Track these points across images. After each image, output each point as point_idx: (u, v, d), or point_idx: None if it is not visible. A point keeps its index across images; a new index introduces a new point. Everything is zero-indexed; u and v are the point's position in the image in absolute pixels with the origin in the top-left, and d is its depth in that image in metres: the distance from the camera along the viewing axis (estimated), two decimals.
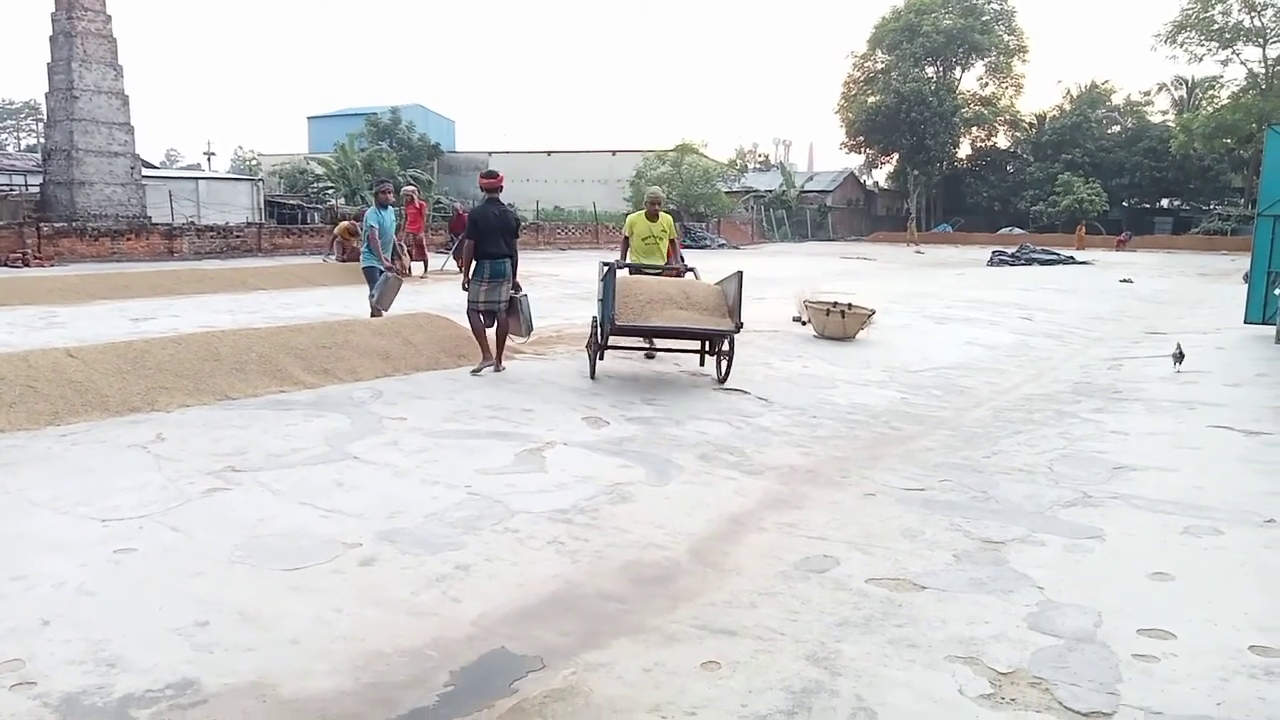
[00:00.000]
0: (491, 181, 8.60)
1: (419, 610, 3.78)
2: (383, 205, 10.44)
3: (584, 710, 3.04)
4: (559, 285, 19.15)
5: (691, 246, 38.65)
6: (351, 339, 8.64)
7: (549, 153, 60.63)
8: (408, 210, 19.67)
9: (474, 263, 8.47)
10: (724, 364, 8.42)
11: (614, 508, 5.10)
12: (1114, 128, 62.52)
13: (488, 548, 4.46)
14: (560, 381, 8.38)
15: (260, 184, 38.13)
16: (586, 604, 3.89)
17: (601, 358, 8.62)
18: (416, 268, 18.86)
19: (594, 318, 8.41)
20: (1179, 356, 10.04)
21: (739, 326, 7.98)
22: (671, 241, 9.62)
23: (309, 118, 66.12)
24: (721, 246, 42.33)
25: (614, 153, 57.88)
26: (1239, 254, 32.19)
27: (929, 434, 7.09)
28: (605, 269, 8.21)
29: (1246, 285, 13.62)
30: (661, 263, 9.44)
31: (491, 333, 8.64)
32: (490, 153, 60.70)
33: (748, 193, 55.67)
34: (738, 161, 58.78)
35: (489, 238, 8.42)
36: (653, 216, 9.57)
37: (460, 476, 5.52)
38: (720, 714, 3.00)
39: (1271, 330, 12.06)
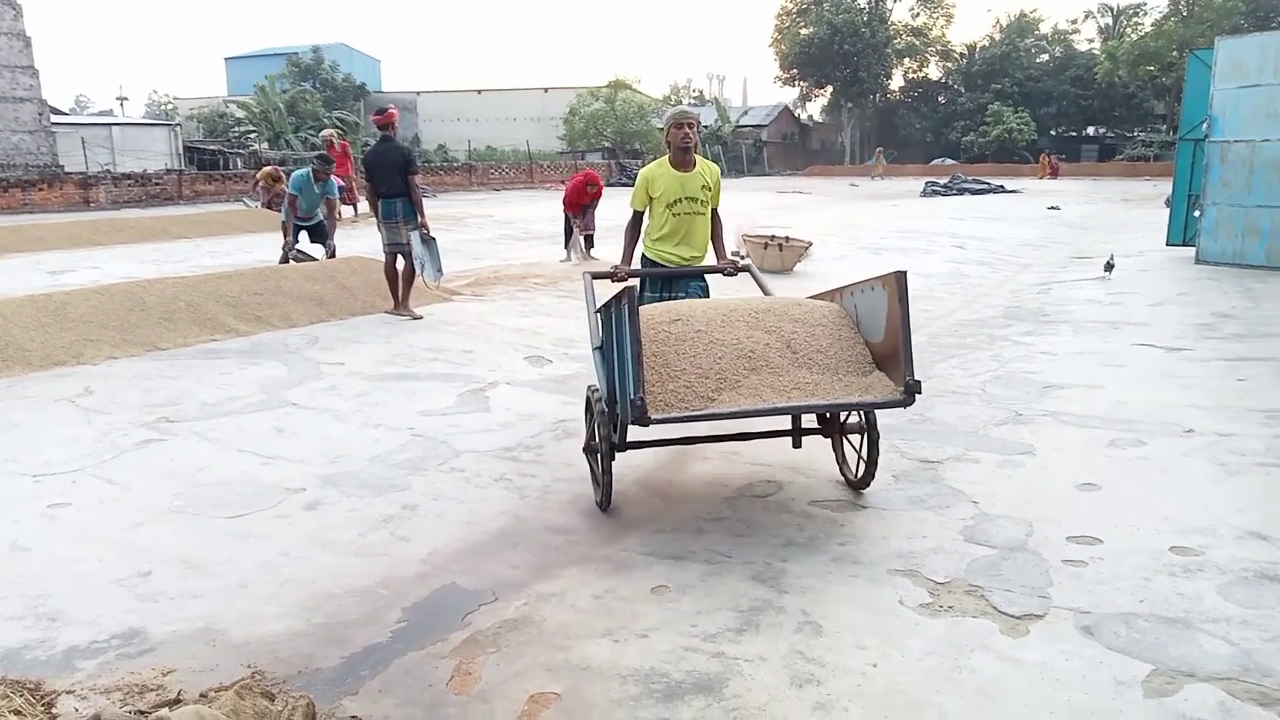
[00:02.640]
0: (381, 118, 8.31)
1: (368, 551, 3.77)
2: (319, 180, 9.92)
3: (537, 638, 3.08)
4: (494, 226, 18.89)
5: (627, 184, 38.36)
6: (284, 285, 8.45)
7: (479, 91, 59.32)
8: (330, 153, 19.12)
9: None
10: (863, 457, 4.21)
11: (559, 444, 5.12)
12: (1042, 57, 63.12)
13: (434, 487, 4.45)
14: (500, 322, 8.32)
15: (178, 129, 36.71)
16: (536, 537, 3.92)
17: (614, 457, 4.08)
18: (346, 211, 18.42)
19: (589, 393, 4.28)
20: (1109, 266, 11.25)
21: (910, 391, 3.64)
22: (714, 213, 5.19)
23: (226, 59, 63.61)
24: None
25: (546, 90, 56.86)
26: (1161, 179, 33.01)
27: None
28: (610, 301, 3.89)
29: (1168, 209, 14.02)
30: (701, 255, 5.19)
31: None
32: (419, 92, 59.20)
33: None
34: (672, 97, 58.23)
35: (380, 177, 8.16)
36: (686, 164, 4.99)
37: (402, 419, 5.48)
38: (671, 635, 3.07)
39: (1192, 251, 12.45)
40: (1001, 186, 33.88)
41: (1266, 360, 6.78)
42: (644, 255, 5.20)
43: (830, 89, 65.33)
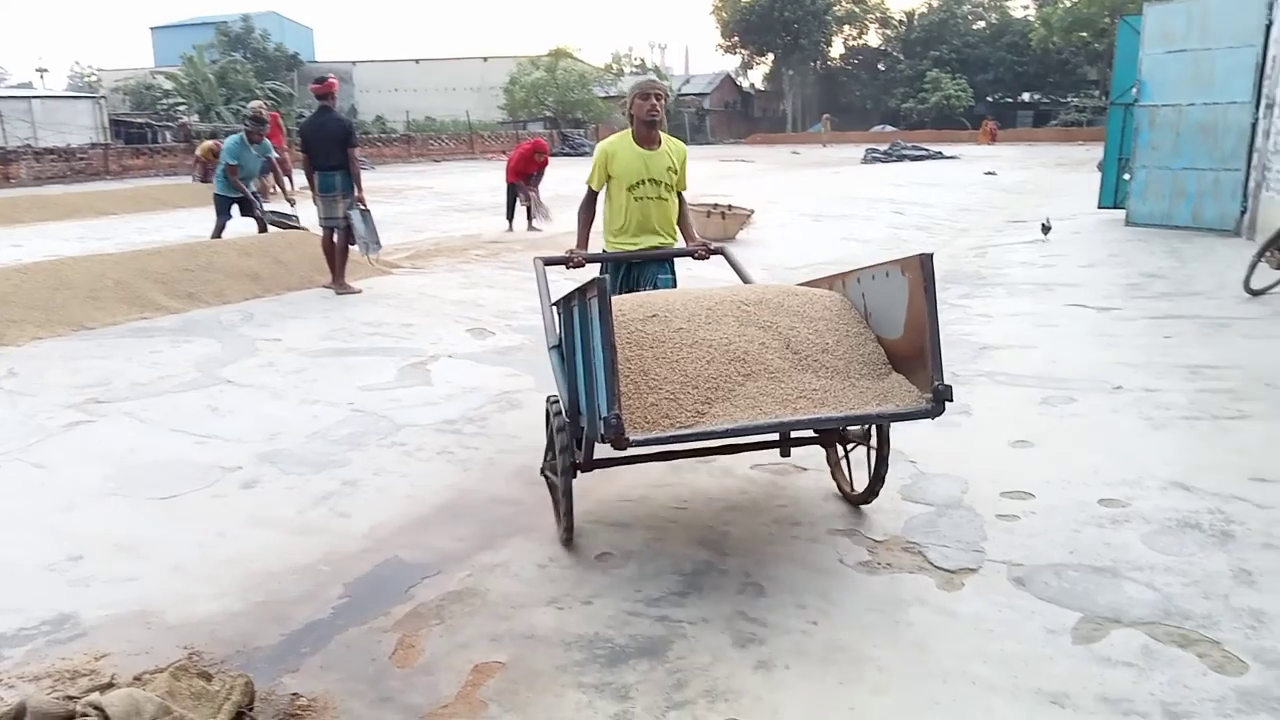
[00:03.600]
0: (320, 87, 8.06)
1: (307, 528, 3.72)
2: (254, 141, 9.54)
3: (482, 609, 3.08)
4: (434, 198, 18.63)
5: (570, 154, 38.07)
6: (216, 260, 8.24)
7: (417, 61, 58.20)
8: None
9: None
10: (872, 472, 3.63)
11: (503, 416, 5.10)
12: (979, 24, 63.75)
13: (375, 462, 4.40)
14: (441, 294, 8.22)
15: (103, 102, 35.40)
16: (480, 510, 3.91)
17: (574, 475, 3.46)
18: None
19: (548, 405, 3.70)
20: (1046, 228, 11.77)
21: (940, 398, 3.02)
22: (679, 196, 4.63)
23: (152, 28, 61.48)
24: None
25: (486, 59, 56.00)
26: (1094, 144, 33.69)
27: None
28: (573, 295, 3.27)
29: (1100, 173, 14.33)
30: (670, 240, 4.64)
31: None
32: (354, 62, 57.90)
33: (624, 97, 54.79)
34: (614, 66, 57.63)
35: (317, 148, 7.94)
36: (651, 140, 4.44)
37: (342, 394, 5.40)
38: (616, 600, 3.09)
39: (1122, 214, 12.75)
40: (940, 153, 34.29)
41: (1191, 318, 6.99)
42: (604, 251, 4.58)
43: (772, 56, 65.32)
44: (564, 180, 16.64)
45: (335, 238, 8.15)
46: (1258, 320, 6.84)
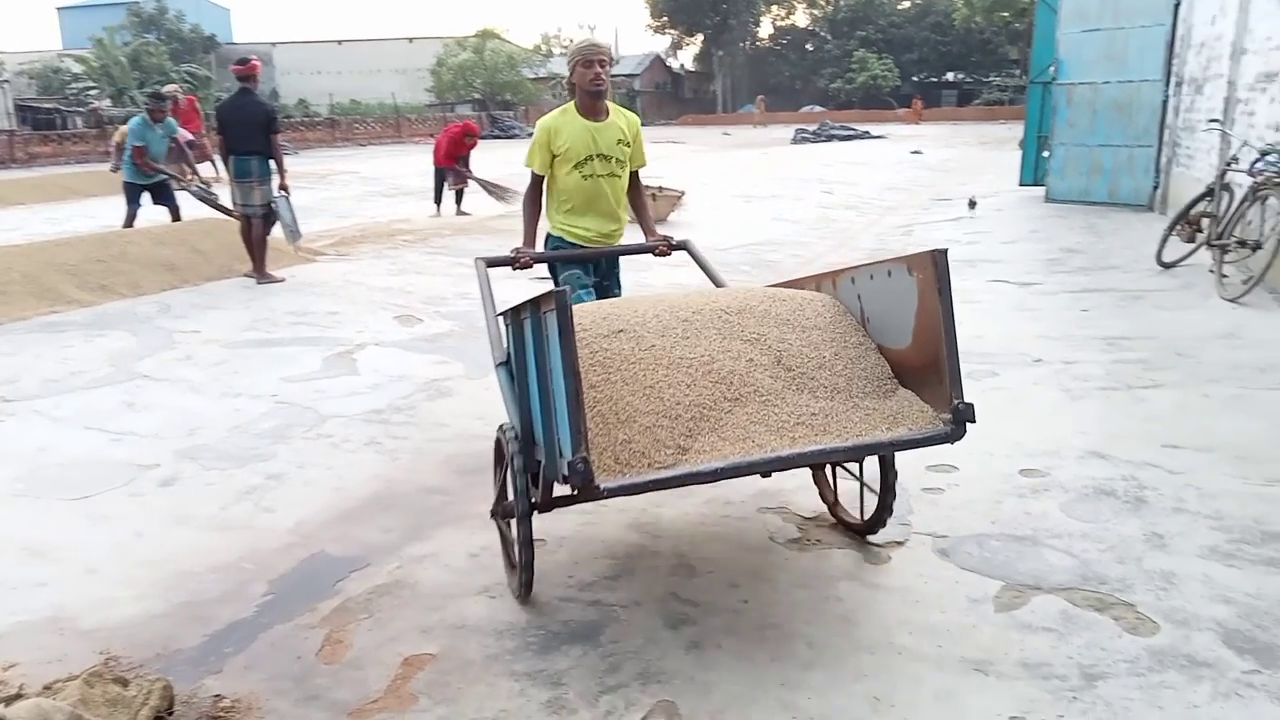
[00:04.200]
0: (242, 69, 7.81)
1: (230, 525, 3.63)
2: (157, 120, 9.14)
3: (411, 600, 3.03)
4: (360, 183, 18.26)
5: (500, 137, 37.67)
6: (130, 250, 7.95)
7: (340, 42, 56.86)
8: (175, 113, 17.95)
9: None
10: (882, 500, 3.21)
11: (432, 404, 5.03)
12: (904, 4, 64.67)
13: (300, 455, 4.30)
14: (367, 281, 8.07)
15: (6, 86, 33.82)
16: (409, 500, 3.85)
17: (533, 516, 2.90)
18: (205, 170, 17.42)
19: (500, 434, 3.07)
20: (973, 204, 12.26)
21: (961, 419, 2.65)
22: (634, 176, 4.22)
23: (59, 9, 58.91)
24: (530, 135, 41.36)
25: (411, 40, 54.98)
26: (1016, 122, 34.47)
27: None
28: (526, 306, 2.71)
29: (1021, 151, 14.66)
30: (620, 227, 4.21)
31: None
32: (274, 43, 56.37)
33: (554, 79, 54.36)
34: (543, 47, 57.06)
35: (235, 132, 7.70)
36: (598, 112, 3.99)
37: (265, 386, 5.27)
38: (548, 587, 3.07)
39: (1042, 190, 13.07)
40: (867, 132, 34.74)
41: (1107, 291, 7.21)
42: (549, 235, 4.16)
43: (701, 37, 65.42)
44: (495, 163, 16.45)
45: (252, 226, 7.92)
46: (1169, 292, 7.08)
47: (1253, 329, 5.88)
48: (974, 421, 2.64)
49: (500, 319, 3.25)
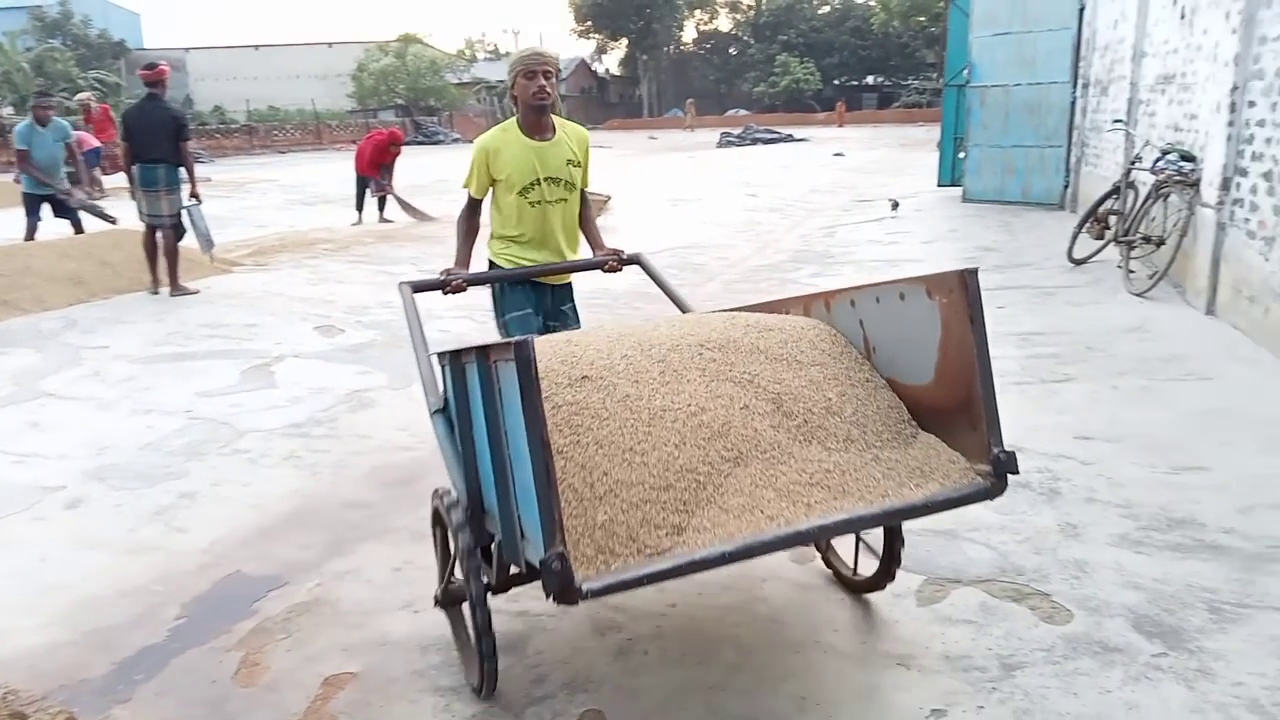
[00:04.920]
0: (150, 74, 7.55)
1: (140, 547, 3.49)
2: (40, 122, 8.59)
3: (332, 619, 2.96)
4: (279, 191, 17.85)
5: (423, 143, 37.22)
6: (33, 264, 7.63)
7: (256, 47, 55.55)
8: (89, 120, 17.33)
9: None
10: (884, 567, 2.81)
11: (354, 415, 4.92)
12: (824, 8, 65.78)
13: (215, 472, 4.17)
14: (286, 292, 7.88)
15: None
16: (330, 515, 3.76)
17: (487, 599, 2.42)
18: (118, 179, 16.83)
19: (436, 502, 2.60)
20: (895, 204, 12.58)
21: (1003, 470, 2.21)
22: (582, 195, 3.79)
23: None
24: (455, 141, 41.02)
25: (331, 45, 54.02)
26: (933, 124, 35.34)
27: (667, 312, 7.33)
28: (473, 354, 2.21)
29: (939, 152, 15.02)
30: (570, 256, 3.79)
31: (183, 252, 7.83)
32: (188, 49, 54.82)
33: (478, 84, 54.01)
34: (466, 52, 56.78)
35: (142, 139, 7.44)
36: (543, 129, 3.60)
37: (178, 402, 5.10)
38: None
39: (959, 191, 13.41)
40: (791, 136, 35.25)
41: (1021, 288, 7.42)
42: (490, 261, 3.75)
43: (625, 41, 65.60)
44: (418, 169, 16.27)
45: (160, 236, 7.65)
46: (1080, 288, 7.31)
47: (1158, 322, 6.11)
48: (1017, 473, 2.19)
49: (439, 363, 2.68)
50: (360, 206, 12.97)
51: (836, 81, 63.31)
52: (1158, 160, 7.07)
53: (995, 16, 12.29)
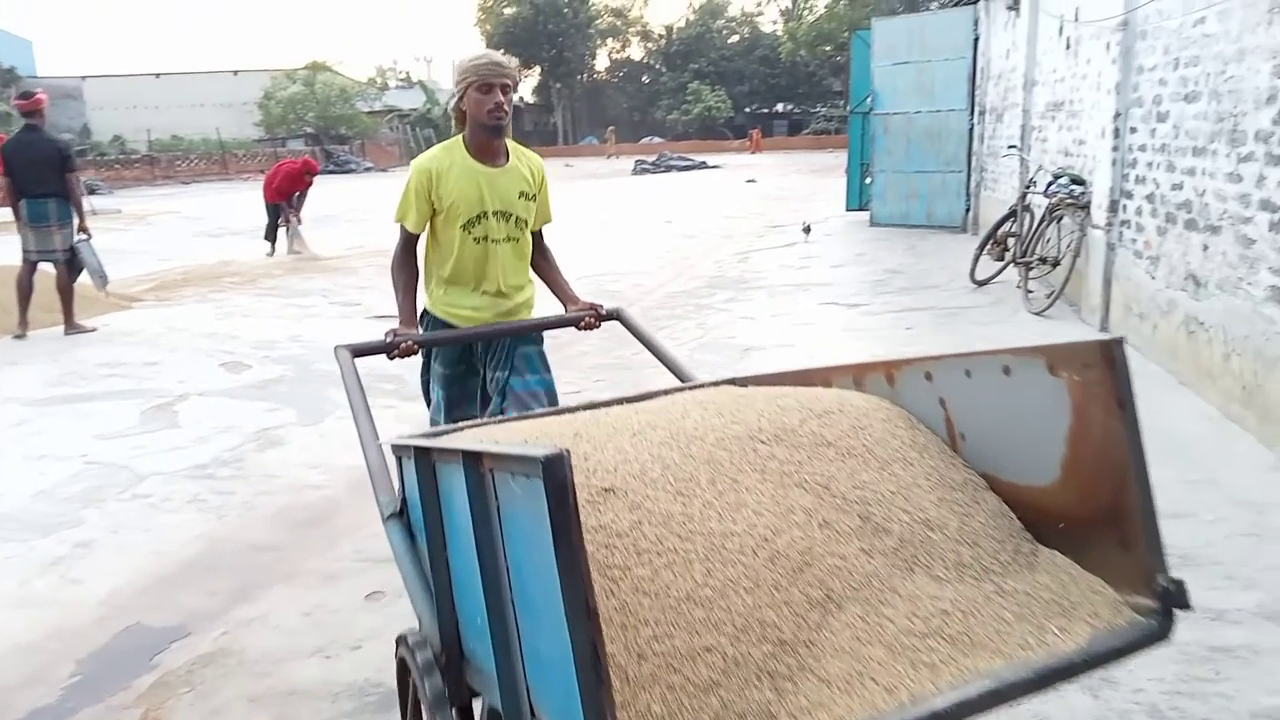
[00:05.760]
0: (25, 103, 7.25)
1: (31, 601, 3.32)
2: None
3: (238, 669, 2.85)
4: (183, 222, 17.33)
5: (335, 172, 36.62)
6: None
7: (157, 75, 54.02)
8: None
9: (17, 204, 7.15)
10: None
11: (262, 454, 4.78)
12: (733, 38, 67.13)
13: (113, 519, 3.99)
14: (190, 328, 7.63)
15: None
16: (236, 559, 3.63)
17: None
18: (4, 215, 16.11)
19: (402, 650, 1.94)
20: (807, 229, 12.73)
21: (1171, 605, 1.50)
22: (539, 236, 3.36)
23: None
24: (368, 170, 40.49)
25: (236, 73, 52.87)
26: (841, 151, 36.25)
27: (583, 339, 7.33)
28: (440, 446, 1.69)
29: (846, 178, 15.42)
30: (519, 303, 3.28)
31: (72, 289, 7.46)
32: (84, 77, 52.95)
33: (390, 112, 53.43)
34: (378, 80, 56.03)
35: (26, 174, 7.13)
36: (494, 154, 3.06)
37: (74, 446, 4.88)
38: (388, 642, 2.93)
39: (867, 215, 13.78)
40: (704, 163, 35.78)
41: (927, 310, 7.65)
42: (425, 313, 3.19)
43: (538, 69, 65.80)
44: (329, 198, 15.98)
45: (55, 272, 7.33)
46: (983, 308, 7.58)
47: (1056, 340, 6.35)
48: (1189, 608, 1.52)
49: (405, 457, 1.92)
50: (272, 236, 12.66)
51: (748, 109, 64.57)
52: (1050, 184, 7.39)
53: (895, 47, 12.73)
